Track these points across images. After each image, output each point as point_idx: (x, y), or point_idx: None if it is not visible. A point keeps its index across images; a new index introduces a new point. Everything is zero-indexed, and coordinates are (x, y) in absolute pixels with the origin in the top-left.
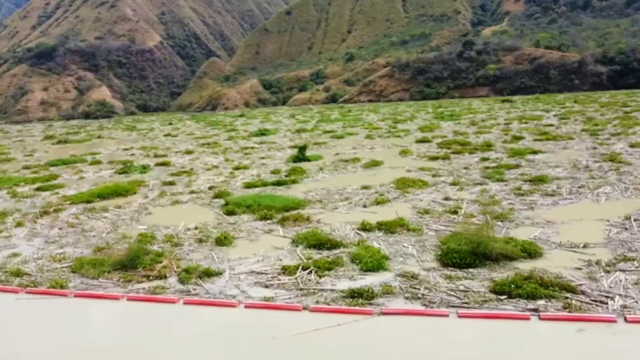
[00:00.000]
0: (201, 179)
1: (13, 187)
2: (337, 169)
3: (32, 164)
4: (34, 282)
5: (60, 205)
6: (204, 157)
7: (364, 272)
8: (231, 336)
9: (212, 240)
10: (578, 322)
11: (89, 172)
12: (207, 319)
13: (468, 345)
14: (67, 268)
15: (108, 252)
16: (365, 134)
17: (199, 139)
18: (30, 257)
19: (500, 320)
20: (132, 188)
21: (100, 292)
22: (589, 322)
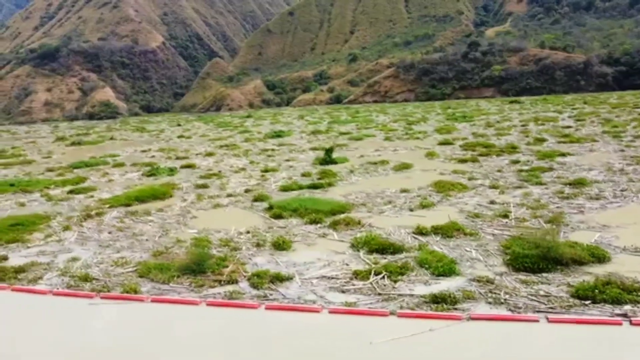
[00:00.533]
0: (233, 181)
1: (45, 190)
2: (368, 171)
3: (54, 166)
4: (105, 287)
5: (99, 208)
6: (227, 160)
7: (436, 277)
8: (323, 342)
9: (269, 244)
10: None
11: (115, 174)
12: (293, 325)
13: (562, 351)
14: (133, 272)
15: (168, 256)
16: (383, 135)
17: (214, 141)
18: (90, 261)
19: (592, 325)
20: (167, 191)
21: (177, 297)
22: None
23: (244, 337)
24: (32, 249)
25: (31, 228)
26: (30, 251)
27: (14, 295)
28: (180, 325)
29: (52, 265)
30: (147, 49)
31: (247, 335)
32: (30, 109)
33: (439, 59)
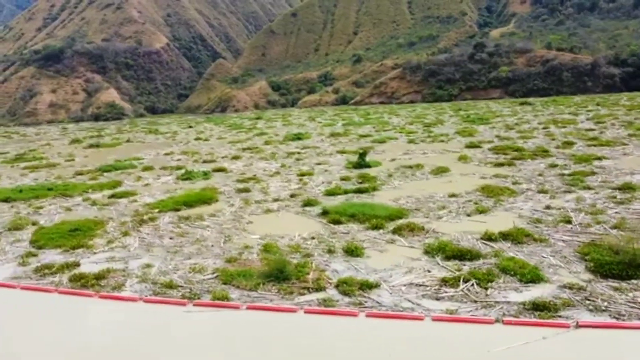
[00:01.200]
0: (273, 186)
1: (84, 194)
2: (407, 175)
3: (82, 170)
4: (193, 294)
5: (149, 213)
6: (256, 163)
7: (524, 284)
8: (434, 351)
9: (340, 250)
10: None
11: (148, 178)
12: (396, 332)
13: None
14: (214, 279)
15: (244, 262)
16: (405, 138)
17: (234, 144)
18: (165, 268)
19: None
20: (213, 196)
21: (272, 305)
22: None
23: (345, 345)
24: (99, 255)
25: (90, 233)
26: (98, 257)
27: (103, 302)
28: (278, 333)
29: (128, 272)
30: (151, 50)
31: (349, 344)
32: (35, 111)
33: (445, 60)
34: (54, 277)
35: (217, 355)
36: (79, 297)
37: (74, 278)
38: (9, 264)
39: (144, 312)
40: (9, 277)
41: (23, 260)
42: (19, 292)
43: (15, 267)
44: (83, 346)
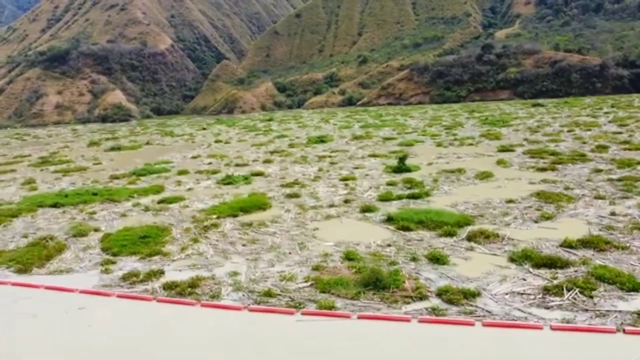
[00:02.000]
0: (321, 191)
1: (132, 199)
2: (453, 180)
3: (117, 174)
4: (298, 303)
5: (208, 219)
6: (291, 167)
7: (626, 292)
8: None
9: (423, 258)
10: None
11: (188, 182)
12: (515, 342)
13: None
14: (309, 287)
15: (332, 270)
16: (431, 141)
17: (258, 147)
18: (253, 275)
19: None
20: (267, 202)
21: (384, 314)
22: None
23: (465, 355)
24: (179, 263)
25: (159, 240)
26: (179, 265)
27: (205, 310)
28: (393, 343)
29: (218, 280)
30: (156, 51)
31: (468, 353)
32: (41, 112)
33: (453, 61)
34: (145, 285)
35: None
36: (179, 305)
37: (167, 286)
38: (91, 271)
39: (251, 321)
40: (98, 285)
41: (105, 268)
42: (115, 300)
43: (99, 275)
44: (192, 356)
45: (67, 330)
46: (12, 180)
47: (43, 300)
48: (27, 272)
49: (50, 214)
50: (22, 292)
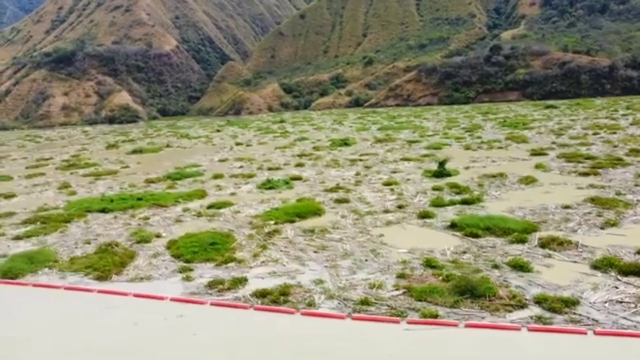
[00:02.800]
0: (368, 196)
1: (178, 205)
2: (498, 185)
3: (152, 178)
4: (399, 311)
5: (266, 225)
6: (326, 171)
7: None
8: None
9: (504, 266)
10: None
11: (228, 187)
12: (629, 351)
13: None
14: (403, 295)
15: (419, 278)
16: (457, 144)
17: (282, 149)
18: (339, 284)
19: None
20: (321, 207)
21: (492, 323)
22: None
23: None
24: (257, 270)
25: (227, 247)
26: (258, 272)
27: (306, 319)
28: (506, 351)
29: (306, 288)
30: (161, 52)
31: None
32: (48, 113)
33: (461, 62)
34: (234, 292)
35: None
36: (277, 313)
37: (258, 294)
38: (172, 278)
39: (355, 330)
40: (187, 293)
41: (186, 276)
42: (210, 308)
43: (181, 282)
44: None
45: (174, 339)
46: (46, 185)
47: (137, 308)
48: (107, 279)
49: (102, 219)
50: (111, 299)
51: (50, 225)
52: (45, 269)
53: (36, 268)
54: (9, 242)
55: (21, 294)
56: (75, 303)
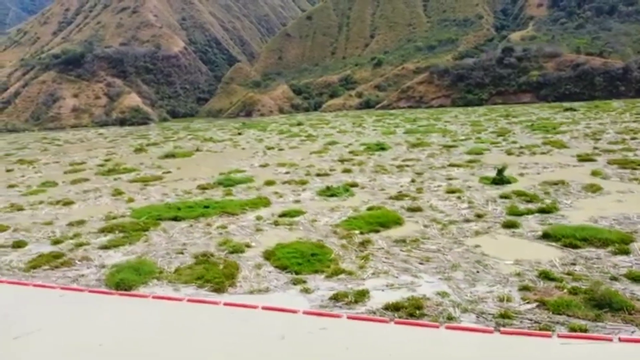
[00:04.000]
0: (440, 205)
1: (247, 213)
2: (565, 193)
3: (204, 184)
4: (544, 326)
5: (351, 234)
6: (379, 177)
7: None
8: None
9: (622, 278)
10: None
11: (287, 194)
12: None
13: None
14: (537, 309)
15: (544, 291)
16: (497, 149)
17: (318, 154)
18: (466, 296)
19: None
20: (398, 216)
21: None
22: None
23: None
24: (372, 282)
25: (327, 257)
26: (374, 284)
27: (451, 333)
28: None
29: (433, 300)
30: (169, 54)
31: None
32: (59, 115)
33: (473, 64)
34: (363, 305)
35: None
36: (419, 327)
37: (389, 307)
38: (289, 291)
39: (506, 345)
40: (316, 306)
41: (304, 288)
42: (348, 321)
43: (302, 295)
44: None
45: (329, 354)
46: (96, 191)
47: (274, 321)
48: (223, 291)
49: (178, 228)
50: (240, 312)
51: (131, 234)
52: (154, 280)
53: (145, 279)
54: (98, 252)
55: (143, 306)
56: (204, 316)
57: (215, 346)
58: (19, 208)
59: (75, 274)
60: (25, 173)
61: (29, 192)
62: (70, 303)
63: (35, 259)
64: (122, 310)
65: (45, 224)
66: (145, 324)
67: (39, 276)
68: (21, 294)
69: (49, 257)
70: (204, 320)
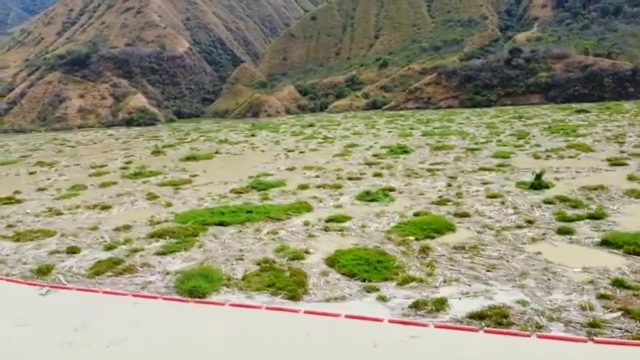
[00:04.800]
0: (484, 210)
1: (292, 218)
2: (608, 199)
3: (238, 188)
4: (636, 335)
5: (406, 240)
6: (414, 182)
7: None
8: None
9: None
10: None
11: (325, 199)
12: None
13: None
14: (622, 317)
15: (622, 299)
16: (523, 153)
17: (342, 157)
18: (546, 304)
19: None
20: (449, 222)
21: None
22: None
23: None
24: (444, 290)
25: (391, 265)
26: (447, 292)
27: (544, 343)
28: None
29: (517, 309)
30: (174, 54)
31: None
32: (65, 116)
33: (481, 65)
34: (446, 314)
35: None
36: (510, 336)
37: (475, 316)
38: (365, 299)
39: (601, 353)
40: (398, 314)
41: (380, 296)
42: (436, 330)
43: (378, 302)
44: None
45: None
46: (129, 195)
47: (360, 329)
48: (298, 299)
49: (228, 233)
50: (324, 321)
51: (183, 240)
52: (224, 287)
53: (216, 286)
54: (156, 258)
55: (220, 314)
56: (284, 324)
57: (301, 355)
58: (58, 212)
59: (141, 280)
60: (49, 176)
61: (61, 195)
62: (145, 311)
63: (95, 265)
64: (200, 318)
65: (90, 229)
66: (226, 332)
67: (104, 283)
68: (93, 301)
69: (109, 264)
70: (286, 328)
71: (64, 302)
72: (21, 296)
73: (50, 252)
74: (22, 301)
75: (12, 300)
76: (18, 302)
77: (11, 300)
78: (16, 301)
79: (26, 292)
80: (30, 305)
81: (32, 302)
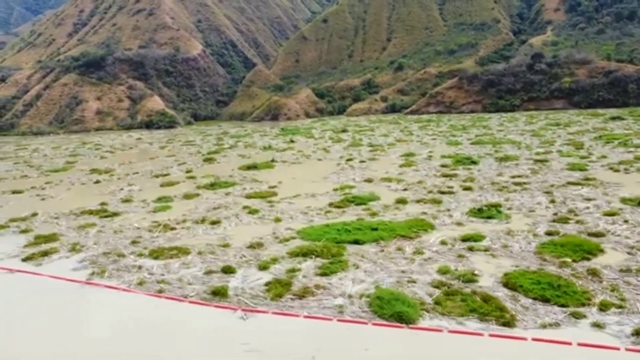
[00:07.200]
0: (615, 229)
1: (422, 235)
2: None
3: (334, 201)
4: None
5: (562, 261)
6: (511, 196)
7: None
8: None
9: None
10: None
11: (438, 215)
12: None
13: None
14: None
15: None
16: (597, 165)
17: (410, 167)
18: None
19: None
20: (599, 244)
21: None
22: None
23: None
24: None
25: (571, 289)
26: None
27: None
28: None
29: None
30: (189, 56)
31: None
32: (83, 118)
33: (503, 70)
34: None
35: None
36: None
37: None
38: (578, 326)
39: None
40: (628, 342)
41: (598, 324)
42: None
43: (593, 330)
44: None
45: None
46: (225, 208)
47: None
48: (512, 326)
49: (371, 252)
50: (553, 349)
51: (333, 260)
52: (425, 312)
53: (417, 311)
54: (322, 279)
55: (438, 341)
56: (511, 351)
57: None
58: (171, 228)
59: (331, 304)
60: (118, 185)
61: (156, 208)
62: (351, 336)
63: (270, 288)
64: (419, 346)
65: (222, 245)
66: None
67: (288, 305)
68: (293, 326)
69: (281, 285)
70: (513, 355)
71: (274, 326)
72: (220, 320)
73: (206, 272)
74: (224, 324)
75: (214, 323)
76: (220, 324)
77: (213, 323)
78: (218, 324)
79: (222, 316)
80: (241, 331)
81: (235, 326)
